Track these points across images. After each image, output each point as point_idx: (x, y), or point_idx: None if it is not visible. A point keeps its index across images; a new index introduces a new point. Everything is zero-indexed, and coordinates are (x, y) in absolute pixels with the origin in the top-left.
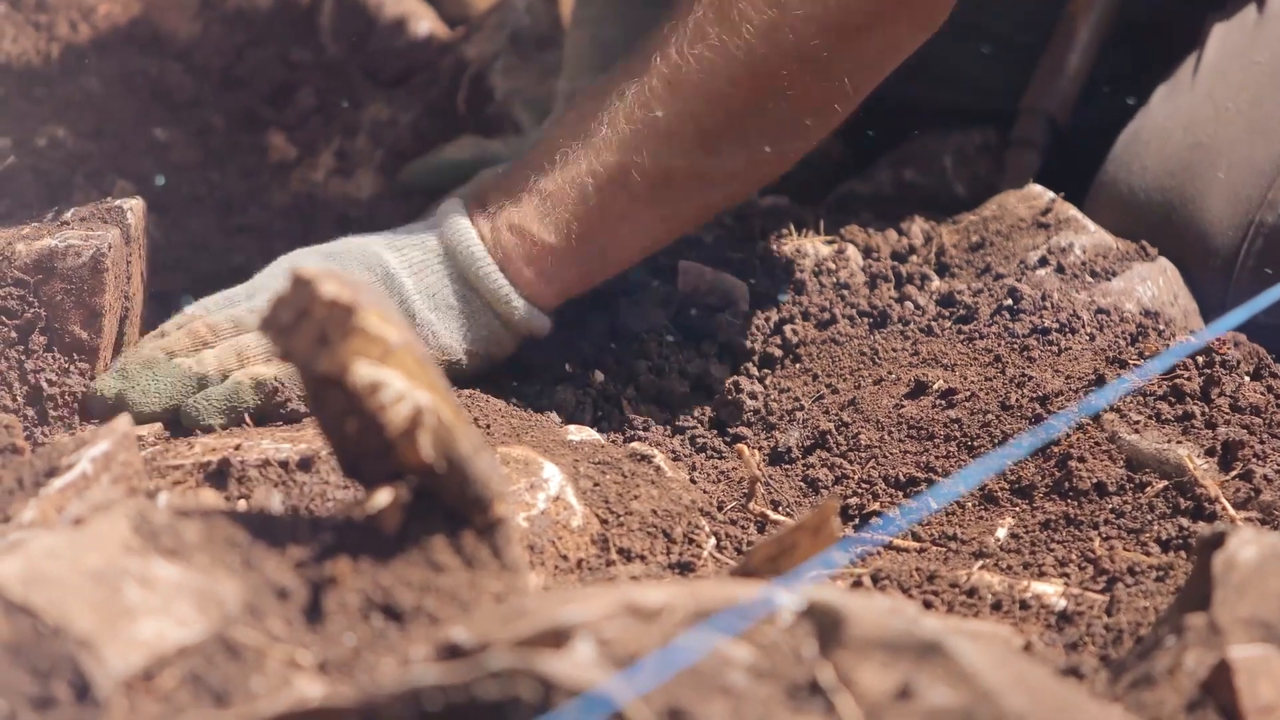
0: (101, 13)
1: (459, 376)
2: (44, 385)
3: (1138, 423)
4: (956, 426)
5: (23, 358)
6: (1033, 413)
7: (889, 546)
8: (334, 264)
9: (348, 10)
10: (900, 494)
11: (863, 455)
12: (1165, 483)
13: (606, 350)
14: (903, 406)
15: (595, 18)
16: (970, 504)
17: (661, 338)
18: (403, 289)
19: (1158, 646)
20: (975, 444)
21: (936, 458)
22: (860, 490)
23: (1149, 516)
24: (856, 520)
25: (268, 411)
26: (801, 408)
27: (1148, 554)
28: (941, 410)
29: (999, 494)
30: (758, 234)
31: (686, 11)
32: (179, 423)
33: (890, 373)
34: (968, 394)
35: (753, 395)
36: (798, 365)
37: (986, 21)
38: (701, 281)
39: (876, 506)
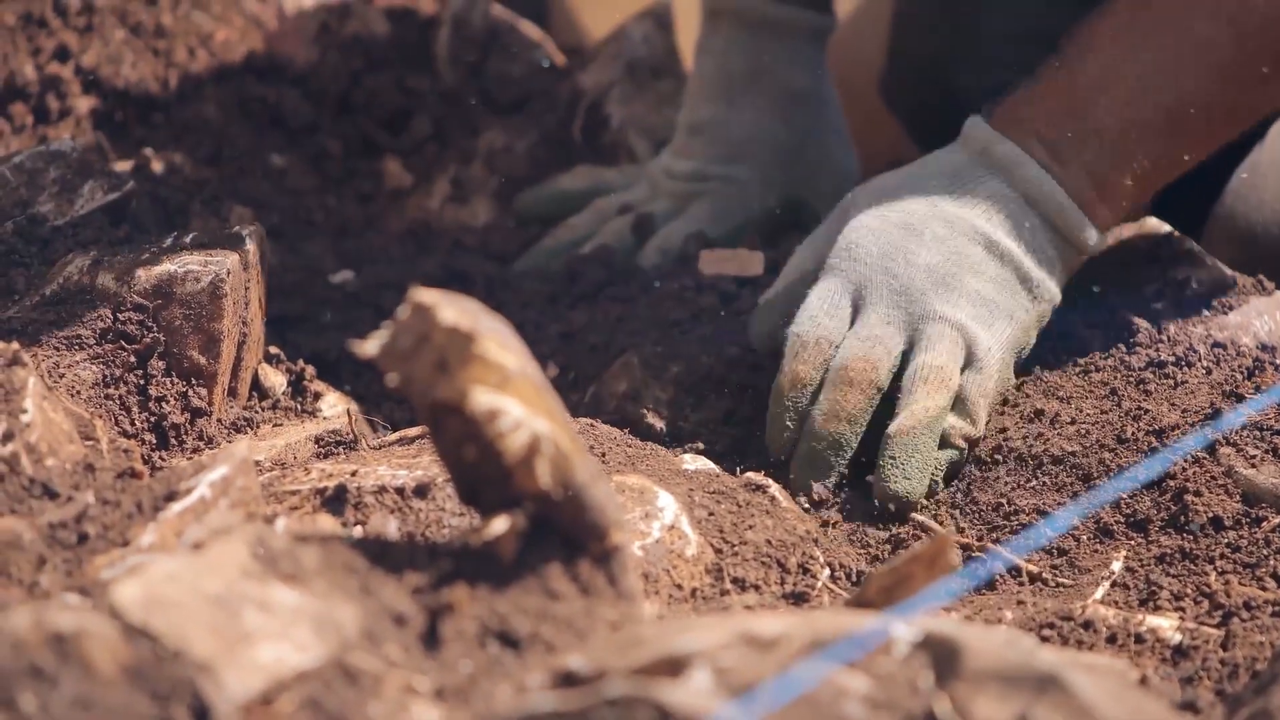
0: (219, 39)
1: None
2: (163, 410)
3: (1254, 457)
4: (1071, 459)
5: (142, 382)
6: (1148, 446)
7: (1004, 579)
8: (911, 235)
9: (464, 37)
10: (1015, 526)
11: (976, 486)
12: None
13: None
14: (1015, 439)
15: (721, 48)
16: (1085, 537)
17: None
18: (1013, 254)
19: (1274, 682)
20: (1091, 477)
21: (1051, 490)
22: (974, 521)
23: (1265, 551)
24: (971, 552)
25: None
26: None
27: (1264, 589)
28: (1056, 442)
29: (1114, 527)
30: None
31: None
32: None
33: (1007, 401)
34: (1083, 426)
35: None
36: None
37: None
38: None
39: (991, 538)
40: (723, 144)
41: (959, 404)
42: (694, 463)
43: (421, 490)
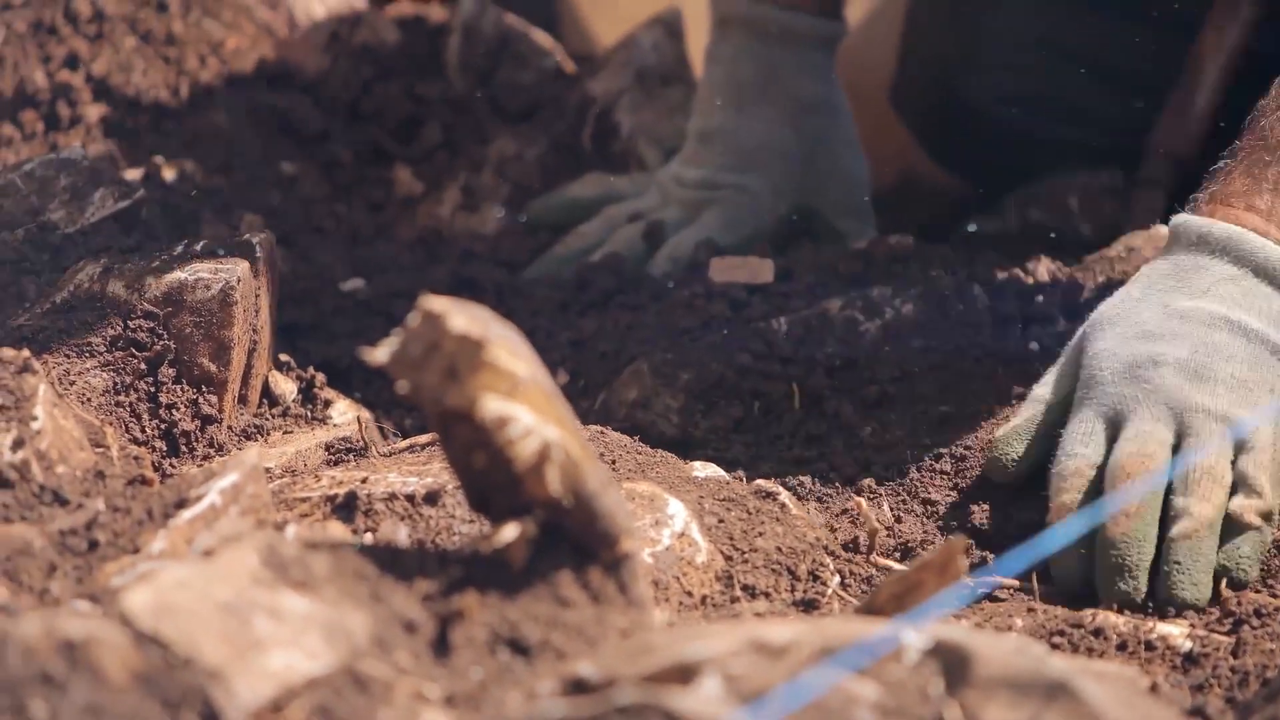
0: (230, 47)
1: None
2: (174, 417)
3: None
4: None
5: (153, 390)
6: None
7: (1013, 585)
8: (1153, 340)
9: (474, 45)
10: (1026, 533)
11: (986, 493)
12: None
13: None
14: None
15: (730, 56)
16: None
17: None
18: (1256, 330)
19: None
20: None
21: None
22: (989, 530)
23: (1276, 560)
24: (981, 559)
25: None
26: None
27: (1275, 596)
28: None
29: None
30: (884, 272)
31: None
32: None
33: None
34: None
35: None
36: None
37: (1113, 59)
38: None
39: (1002, 545)
40: (733, 152)
41: (1241, 486)
42: (704, 470)
43: (432, 497)
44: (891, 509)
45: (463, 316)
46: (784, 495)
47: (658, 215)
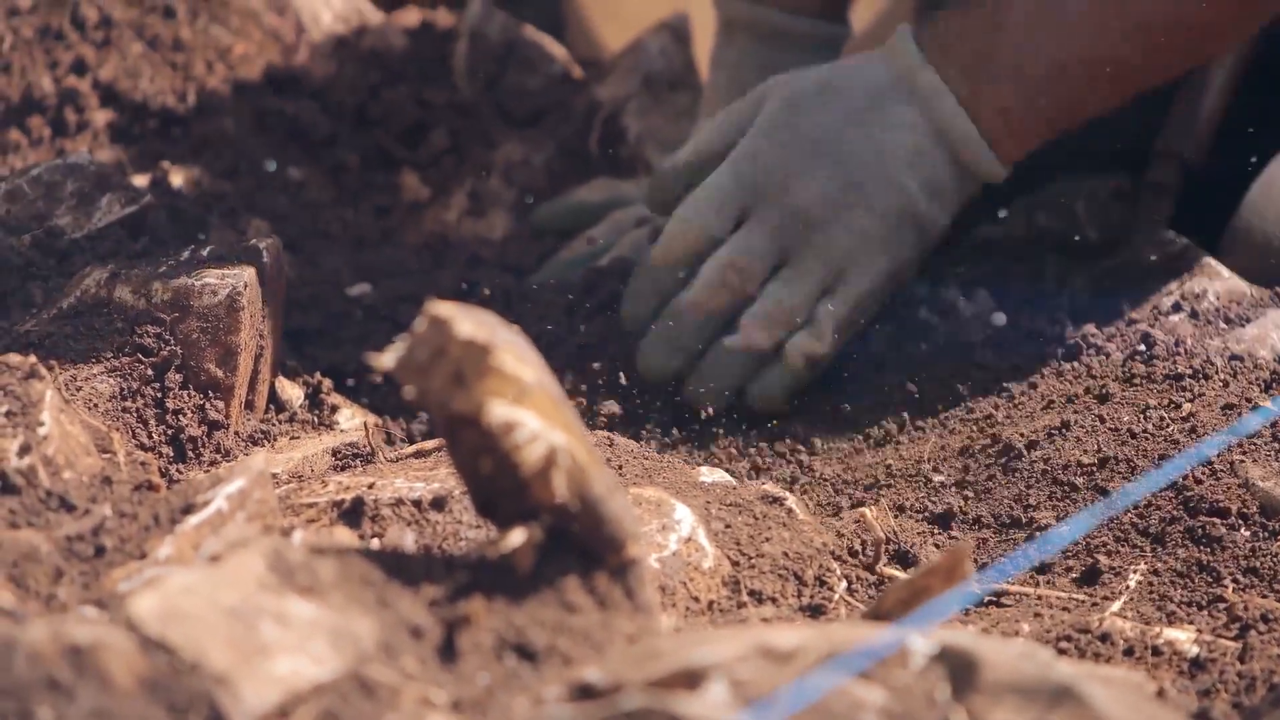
0: (237, 53)
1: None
2: (180, 423)
3: (1274, 470)
4: (1087, 470)
5: (159, 395)
6: (1165, 458)
7: (1020, 591)
8: (815, 158)
9: (481, 51)
10: (1031, 537)
11: (994, 497)
12: None
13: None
14: (1032, 450)
15: (734, 61)
16: (1102, 549)
17: None
18: (908, 190)
19: None
20: (1106, 488)
21: (1065, 501)
22: (992, 533)
23: None
24: (988, 564)
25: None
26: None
27: None
28: (1072, 454)
29: (1132, 539)
30: None
31: None
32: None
33: (1026, 415)
34: (1099, 438)
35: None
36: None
37: None
38: None
39: (1008, 550)
40: None
41: (809, 326)
42: (711, 475)
43: (438, 503)
44: (897, 515)
45: (469, 322)
46: (791, 500)
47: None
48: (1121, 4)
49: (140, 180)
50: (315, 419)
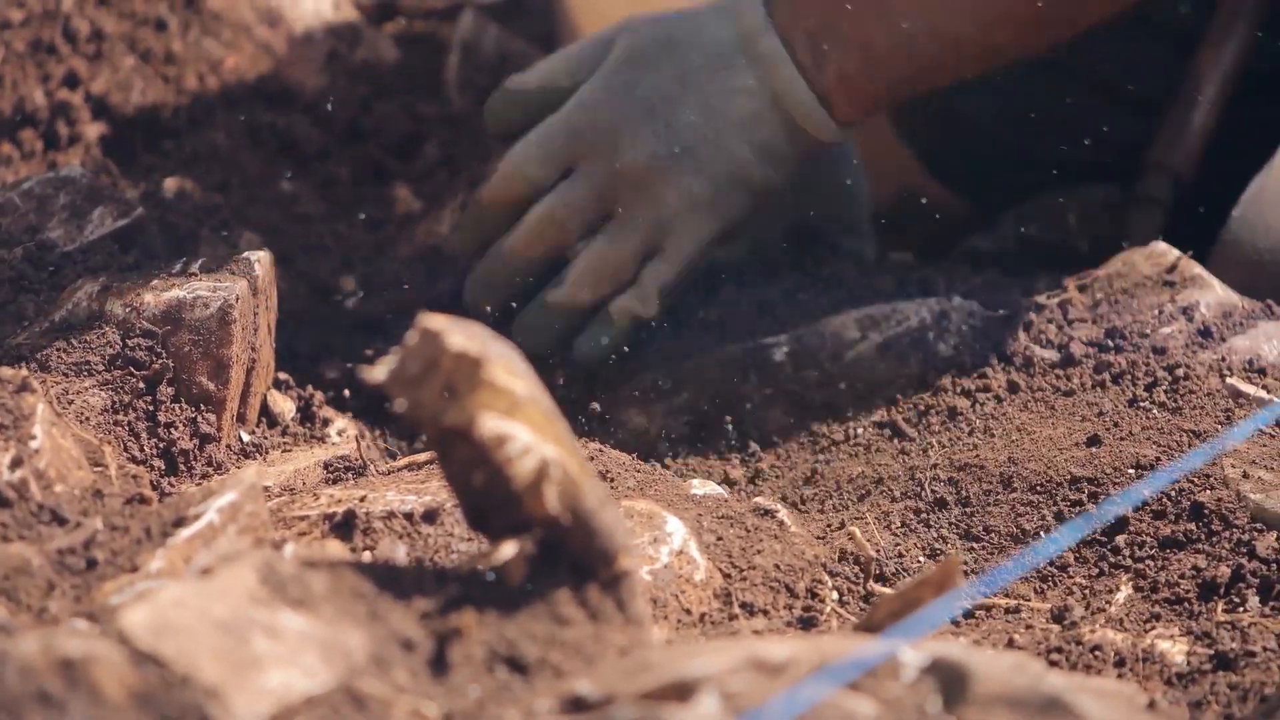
0: (229, 66)
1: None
2: (172, 436)
3: (1265, 481)
4: (1079, 483)
5: (151, 409)
6: (1156, 471)
7: (1010, 602)
8: (649, 117)
9: (473, 63)
10: (1022, 549)
11: (984, 510)
12: None
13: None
14: (1018, 463)
15: None
16: (1093, 560)
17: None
18: (741, 157)
19: None
20: (1097, 500)
21: (1053, 515)
22: (983, 545)
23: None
24: (977, 576)
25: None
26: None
27: (1272, 613)
28: (1064, 466)
29: (1122, 550)
30: (885, 289)
31: None
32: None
33: (1015, 427)
34: (1091, 451)
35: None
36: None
37: (1110, 74)
38: None
39: (1000, 562)
40: None
41: (633, 287)
42: (702, 488)
43: (430, 515)
44: (888, 528)
45: (461, 335)
46: (782, 513)
47: None
48: None
49: (132, 193)
50: (307, 432)
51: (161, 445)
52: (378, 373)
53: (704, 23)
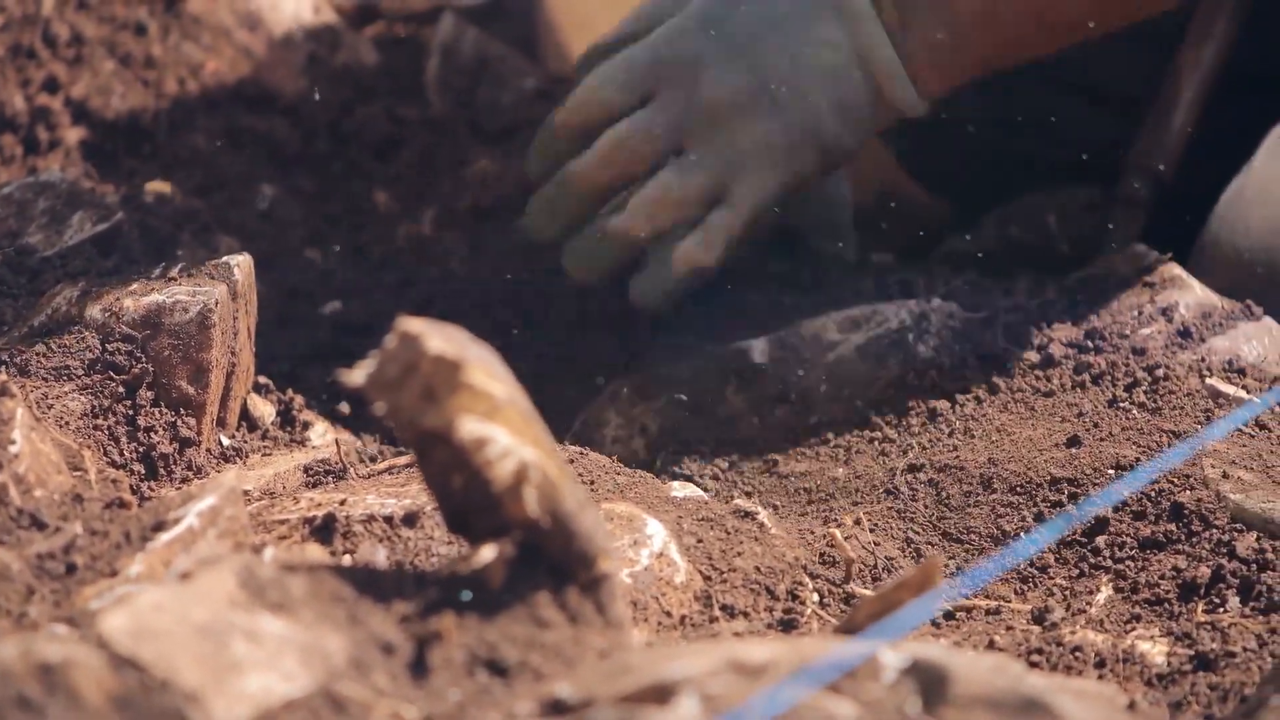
0: (209, 70)
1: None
2: (152, 440)
3: (1244, 482)
4: (1058, 484)
5: (131, 413)
6: (1135, 471)
7: (990, 604)
8: (731, 57)
9: (453, 67)
10: (1002, 550)
11: (964, 511)
12: (1273, 543)
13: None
14: (998, 464)
15: None
16: (1073, 561)
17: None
18: (818, 111)
19: (1262, 706)
20: (1075, 501)
21: (1031, 516)
22: (963, 546)
23: (1253, 576)
24: (959, 577)
25: None
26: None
27: (1253, 614)
28: (1043, 467)
29: (1101, 551)
30: (865, 290)
31: None
32: None
33: (995, 428)
34: (1070, 452)
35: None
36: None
37: (1090, 75)
38: None
39: (979, 563)
40: None
41: (696, 232)
42: (682, 490)
43: (410, 519)
44: (869, 529)
45: (440, 338)
46: (763, 515)
47: None
48: None
49: (112, 198)
50: (287, 435)
51: (141, 449)
52: (357, 376)
53: None
